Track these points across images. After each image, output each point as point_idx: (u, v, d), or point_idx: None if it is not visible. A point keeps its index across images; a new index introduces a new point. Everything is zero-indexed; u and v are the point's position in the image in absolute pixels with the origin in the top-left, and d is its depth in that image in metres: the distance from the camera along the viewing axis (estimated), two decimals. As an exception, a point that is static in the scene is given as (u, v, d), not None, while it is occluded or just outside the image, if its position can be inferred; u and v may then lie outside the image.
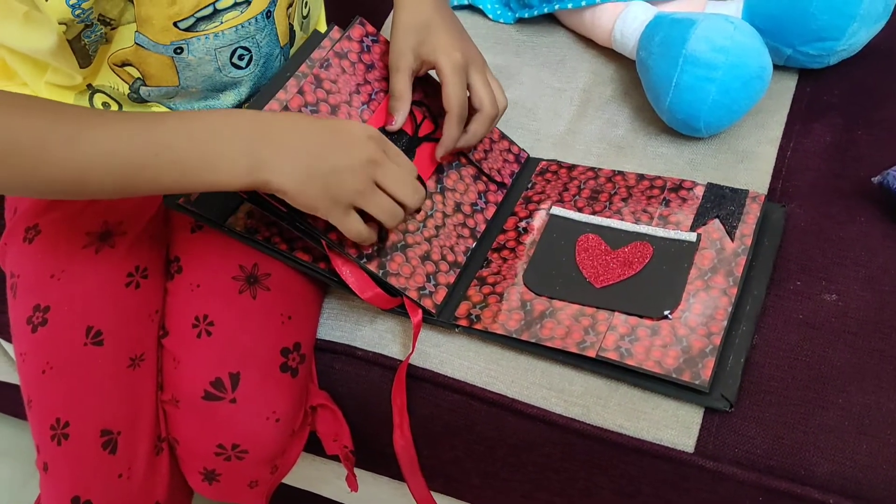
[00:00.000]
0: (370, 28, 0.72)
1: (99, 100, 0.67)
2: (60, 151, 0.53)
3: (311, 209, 0.57)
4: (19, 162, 0.53)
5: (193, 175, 0.55)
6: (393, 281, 0.65)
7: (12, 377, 1.01)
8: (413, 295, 0.65)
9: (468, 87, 0.67)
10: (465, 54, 0.67)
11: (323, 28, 0.81)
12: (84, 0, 0.57)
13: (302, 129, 0.57)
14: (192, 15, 0.62)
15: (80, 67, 0.63)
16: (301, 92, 0.66)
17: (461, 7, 0.96)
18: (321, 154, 0.56)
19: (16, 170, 0.54)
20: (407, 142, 0.70)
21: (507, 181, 0.76)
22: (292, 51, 0.74)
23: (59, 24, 0.58)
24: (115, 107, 0.68)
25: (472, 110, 0.68)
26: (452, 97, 0.66)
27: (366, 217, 0.60)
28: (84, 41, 0.61)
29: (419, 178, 0.63)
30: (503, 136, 0.78)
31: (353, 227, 0.59)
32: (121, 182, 0.55)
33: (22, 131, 0.53)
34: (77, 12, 0.58)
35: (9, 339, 0.88)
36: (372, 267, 0.65)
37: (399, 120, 0.68)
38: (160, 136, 0.54)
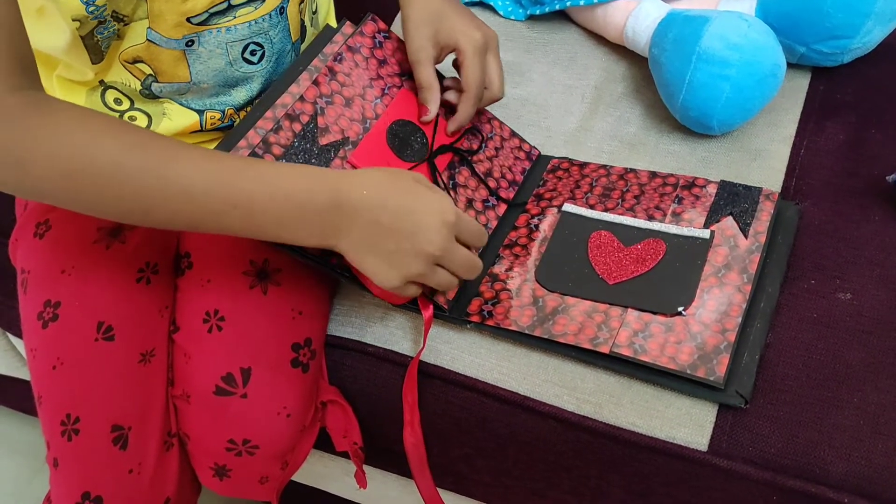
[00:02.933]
0: (382, 24, 0.72)
1: (111, 96, 0.67)
2: (135, 177, 0.53)
3: (369, 276, 0.59)
4: (92, 181, 0.53)
5: (265, 233, 0.56)
6: (405, 276, 0.65)
7: (21, 373, 1.01)
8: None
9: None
10: (484, 34, 0.69)
11: (333, 23, 0.81)
12: None
13: (378, 204, 0.56)
14: (206, 10, 0.62)
15: (93, 63, 0.63)
16: (316, 83, 0.66)
17: (472, 4, 0.96)
18: (390, 235, 0.56)
19: (87, 189, 0.53)
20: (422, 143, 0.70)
21: (519, 178, 0.76)
22: (303, 46, 0.74)
23: (73, 20, 0.58)
24: (126, 103, 0.67)
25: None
26: (471, 77, 0.68)
27: None
28: (97, 37, 0.61)
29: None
30: (514, 134, 0.77)
31: (409, 293, 0.61)
32: (189, 222, 0.56)
33: (100, 149, 0.52)
34: (91, 9, 0.58)
35: (19, 335, 0.88)
36: None
37: (433, 110, 0.69)
38: (242, 188, 0.54)
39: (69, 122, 0.53)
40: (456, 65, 0.71)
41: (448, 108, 0.72)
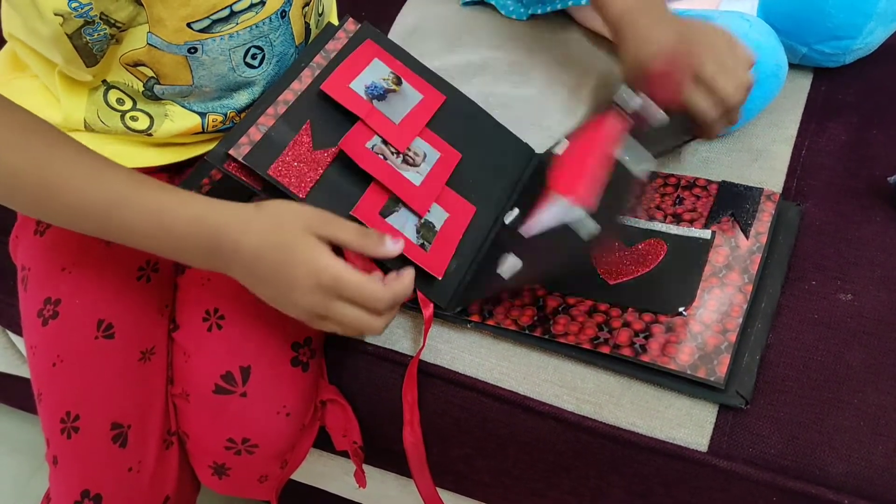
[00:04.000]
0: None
1: (114, 96, 0.67)
2: (35, 193, 0.56)
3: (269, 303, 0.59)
4: (21, 190, 0.57)
5: (154, 253, 0.59)
6: (405, 275, 0.64)
7: (21, 370, 1.01)
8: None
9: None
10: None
11: (335, 22, 0.81)
12: None
13: (254, 256, 0.55)
14: (208, 17, 0.62)
15: (87, 66, 0.63)
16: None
17: (474, 3, 0.96)
18: (267, 284, 0.57)
19: (16, 195, 0.58)
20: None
21: (520, 177, 0.76)
22: (309, 43, 0.74)
23: (56, 14, 0.58)
24: (129, 103, 0.67)
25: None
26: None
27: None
28: (86, 38, 0.60)
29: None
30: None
31: (322, 327, 0.58)
32: (104, 236, 0.59)
33: (25, 163, 0.56)
34: (74, 5, 0.57)
35: (19, 333, 0.88)
36: None
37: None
38: (123, 219, 0.56)
39: None
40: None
41: None
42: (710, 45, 0.64)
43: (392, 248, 0.58)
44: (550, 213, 0.62)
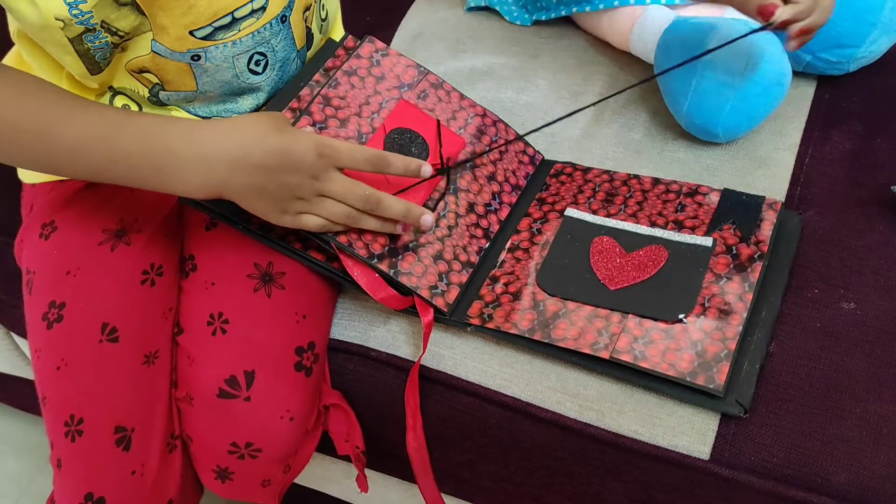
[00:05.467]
0: (379, 44, 0.73)
1: (120, 101, 0.68)
2: (32, 140, 0.59)
3: (264, 218, 0.62)
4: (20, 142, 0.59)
5: (149, 184, 0.60)
6: (404, 280, 0.65)
7: (25, 372, 1.01)
8: (425, 294, 0.65)
9: None
10: None
11: (340, 31, 0.81)
12: (82, 1, 0.57)
13: (253, 151, 0.58)
14: (210, 24, 0.62)
15: (91, 74, 0.63)
16: (309, 113, 0.66)
17: (478, 8, 0.96)
18: (269, 174, 0.59)
19: (15, 147, 0.60)
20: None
21: (522, 183, 0.76)
22: (309, 54, 0.74)
23: (56, 19, 0.58)
24: (135, 108, 0.68)
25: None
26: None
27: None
28: (87, 45, 0.61)
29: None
30: (519, 138, 0.77)
31: (307, 224, 0.62)
32: (95, 176, 0.61)
33: (3, 116, 0.58)
34: (74, 12, 0.58)
35: (24, 335, 0.88)
36: (383, 266, 0.65)
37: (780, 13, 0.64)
38: (120, 145, 0.59)
39: None
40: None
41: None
42: None
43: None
44: None
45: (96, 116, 0.59)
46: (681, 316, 0.62)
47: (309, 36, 0.73)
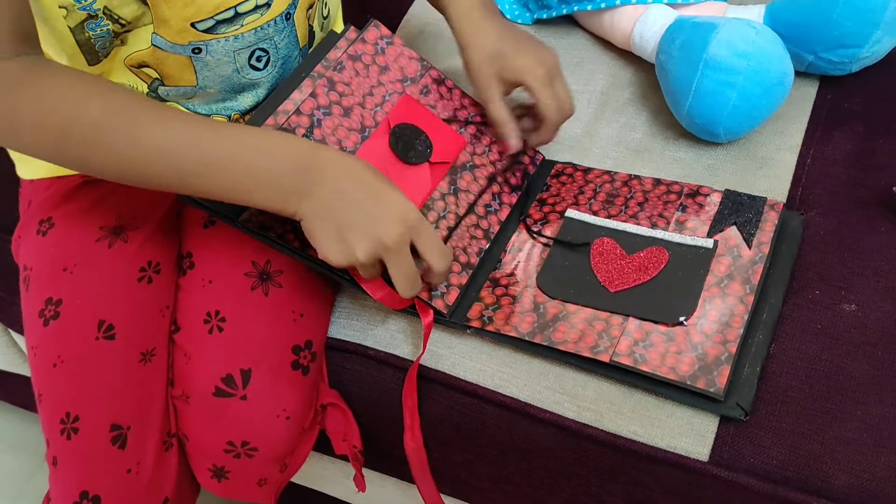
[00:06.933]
0: (384, 30, 0.72)
1: None
2: (115, 139, 0.56)
3: (315, 244, 0.58)
4: (77, 144, 0.56)
5: (230, 193, 0.57)
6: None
7: (22, 369, 1.01)
8: (424, 296, 0.65)
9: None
10: (546, 66, 0.68)
11: (340, 28, 0.81)
12: None
13: (349, 173, 0.57)
14: (212, 17, 0.62)
15: (88, 64, 0.63)
16: (314, 95, 0.66)
17: (479, 7, 0.95)
18: (352, 208, 0.57)
19: (74, 150, 0.57)
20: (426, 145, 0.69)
21: (522, 183, 0.75)
22: (310, 52, 0.74)
23: (60, 7, 0.58)
24: None
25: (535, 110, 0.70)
26: (546, 110, 0.68)
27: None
28: (88, 34, 0.61)
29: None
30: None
31: (341, 263, 0.59)
32: (177, 182, 0.57)
33: (83, 114, 0.56)
34: None
35: (20, 331, 0.88)
36: None
37: (515, 143, 0.71)
38: (214, 149, 0.56)
39: (57, 90, 0.55)
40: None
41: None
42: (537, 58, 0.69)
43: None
44: None
45: (192, 120, 0.58)
46: (681, 318, 0.62)
47: (311, 34, 0.72)
